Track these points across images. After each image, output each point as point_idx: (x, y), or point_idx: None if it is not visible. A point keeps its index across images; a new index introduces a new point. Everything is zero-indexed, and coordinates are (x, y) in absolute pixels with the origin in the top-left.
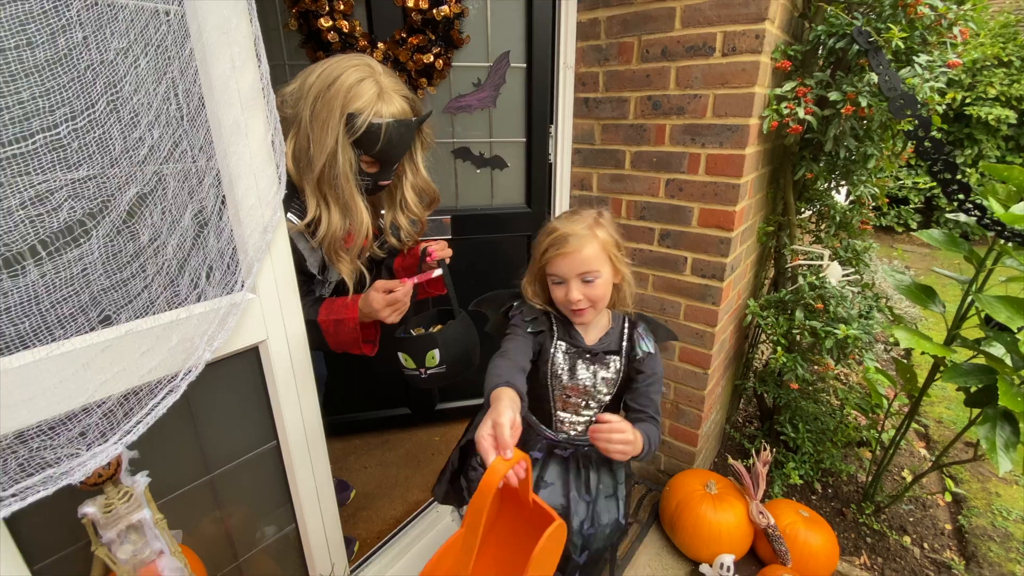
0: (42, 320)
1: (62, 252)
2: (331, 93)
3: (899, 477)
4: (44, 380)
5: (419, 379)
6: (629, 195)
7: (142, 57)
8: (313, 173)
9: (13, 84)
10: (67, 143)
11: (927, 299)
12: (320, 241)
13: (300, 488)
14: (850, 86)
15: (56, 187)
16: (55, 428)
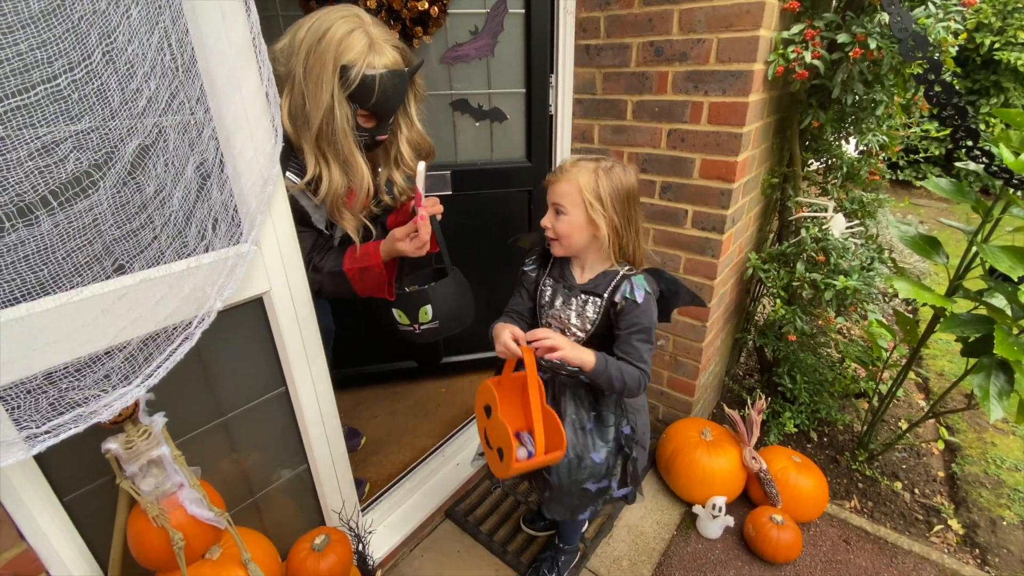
0: (59, 268)
1: (72, 202)
2: (322, 47)
3: (896, 427)
4: (67, 325)
5: (413, 335)
6: (631, 147)
7: (133, 6)
8: (311, 131)
9: (11, 35)
10: (67, 94)
11: (931, 250)
12: (322, 199)
13: (310, 430)
14: (860, 27)
15: (61, 138)
16: (81, 371)
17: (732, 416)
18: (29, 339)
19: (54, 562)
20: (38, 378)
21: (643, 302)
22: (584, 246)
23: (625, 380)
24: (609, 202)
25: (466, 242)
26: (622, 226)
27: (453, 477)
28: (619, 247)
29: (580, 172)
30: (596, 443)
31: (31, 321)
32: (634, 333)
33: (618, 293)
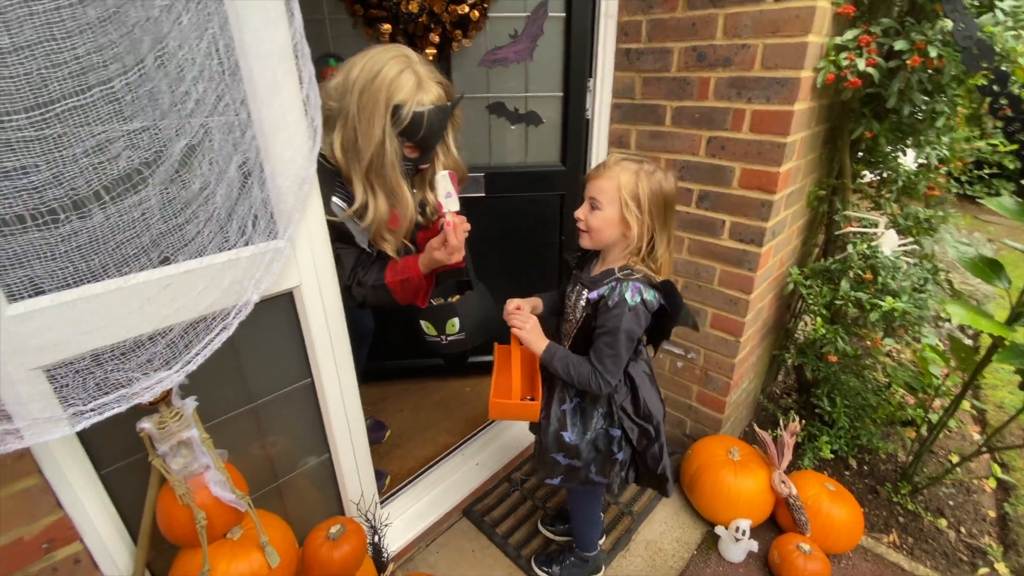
0: (109, 258)
1: (123, 197)
2: (375, 86)
3: (946, 460)
4: (115, 310)
5: (440, 345)
6: (668, 153)
7: (184, 13)
8: (362, 163)
9: (69, 40)
10: (121, 96)
11: (992, 274)
12: (367, 226)
13: (333, 422)
14: (919, 34)
15: (114, 137)
16: (126, 354)
17: (763, 437)
18: (80, 322)
19: (88, 530)
20: (86, 359)
21: (621, 306)
22: (612, 243)
23: (572, 374)
24: (646, 205)
25: (498, 244)
26: (653, 230)
27: (473, 476)
28: (645, 251)
29: (622, 171)
30: (571, 424)
31: (82, 305)
32: (602, 334)
33: (605, 291)
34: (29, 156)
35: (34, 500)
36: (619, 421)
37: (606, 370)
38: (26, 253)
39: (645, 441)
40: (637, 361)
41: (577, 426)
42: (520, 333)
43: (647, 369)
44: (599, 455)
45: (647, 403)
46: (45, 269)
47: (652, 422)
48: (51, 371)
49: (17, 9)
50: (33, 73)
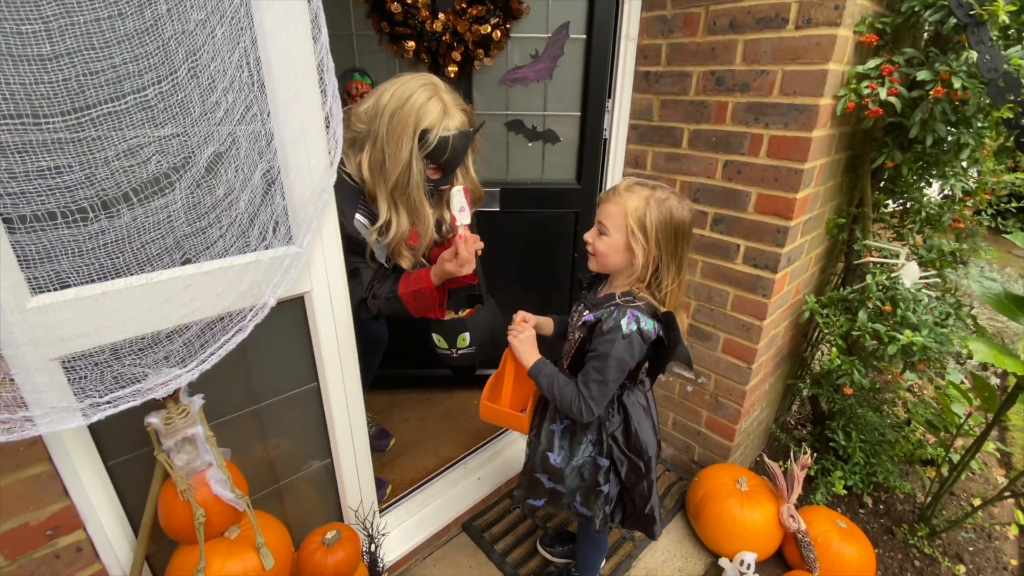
0: (134, 257)
1: (150, 200)
2: (404, 112)
3: (967, 504)
4: (136, 307)
5: (451, 358)
6: (684, 176)
7: (218, 27)
8: (388, 183)
9: (107, 50)
10: (154, 104)
11: (1018, 312)
12: (389, 242)
13: (336, 428)
14: (943, 65)
15: (145, 143)
16: (144, 350)
17: (772, 468)
18: (101, 317)
19: (92, 520)
20: (105, 353)
21: (615, 332)
22: (618, 268)
23: (556, 394)
24: (653, 234)
25: (511, 259)
26: (660, 260)
27: (474, 490)
28: (650, 280)
29: (631, 197)
30: (558, 446)
31: (104, 301)
32: (592, 358)
33: (602, 314)
34: (64, 157)
35: (43, 487)
36: (608, 451)
37: (590, 395)
38: (55, 248)
39: (634, 476)
40: (633, 391)
41: (564, 449)
42: (513, 341)
43: (643, 401)
44: (584, 484)
45: (639, 435)
46: (72, 264)
47: (643, 456)
48: (71, 363)
49: (60, 19)
50: (72, 79)
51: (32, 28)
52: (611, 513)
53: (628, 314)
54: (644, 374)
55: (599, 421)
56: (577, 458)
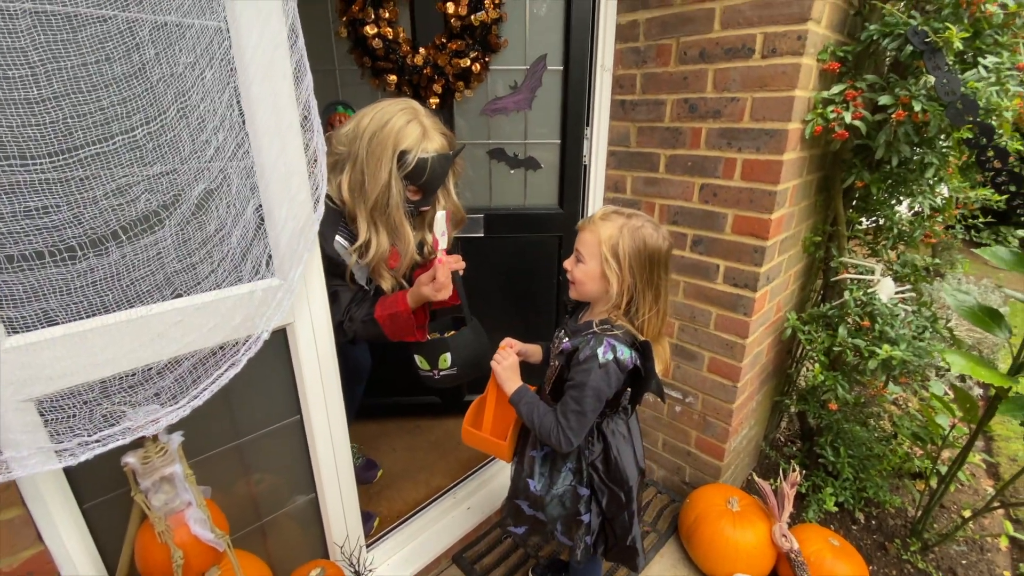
0: (123, 294)
1: (139, 237)
2: (384, 134)
3: (957, 516)
4: (126, 344)
5: (432, 379)
6: (662, 199)
7: (208, 69)
8: (367, 203)
9: (95, 93)
10: (143, 144)
11: (992, 324)
12: (369, 261)
13: (321, 461)
14: (903, 89)
15: (134, 181)
16: (134, 388)
17: (762, 487)
18: (89, 354)
19: (66, 565)
20: (95, 391)
21: (591, 361)
22: (596, 296)
23: (535, 422)
24: (626, 261)
25: (496, 283)
26: (636, 288)
27: (463, 520)
28: (627, 308)
29: (606, 225)
30: (539, 473)
31: (91, 338)
32: (570, 387)
33: (579, 342)
34: (51, 197)
35: (16, 532)
36: (588, 479)
37: (569, 426)
38: (42, 287)
39: (615, 506)
40: (613, 419)
41: (544, 476)
42: (496, 368)
43: (624, 429)
44: (565, 512)
45: (620, 464)
46: (60, 303)
47: (624, 487)
48: (58, 401)
49: (47, 64)
50: (59, 122)
51: (19, 73)
52: (593, 544)
53: (605, 343)
54: (626, 400)
55: (579, 449)
56: (557, 486)
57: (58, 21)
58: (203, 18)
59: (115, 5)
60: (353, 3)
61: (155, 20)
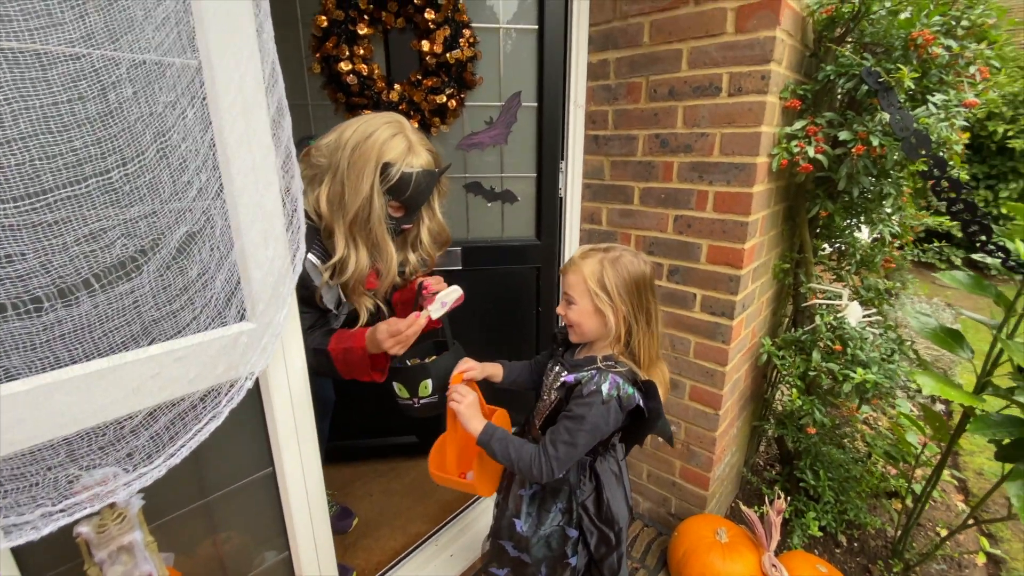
0: (95, 347)
1: (114, 285)
2: (367, 145)
3: (933, 533)
4: (97, 400)
5: (412, 408)
6: (638, 230)
7: (189, 108)
8: (346, 217)
9: (67, 134)
10: (119, 186)
11: (954, 344)
12: (346, 279)
13: (295, 515)
14: (861, 125)
15: (109, 226)
16: (105, 448)
17: (749, 516)
18: (55, 412)
19: None
20: (60, 455)
21: (595, 396)
22: (597, 333)
23: (512, 456)
24: (615, 292)
25: (474, 317)
26: (631, 315)
27: (446, 569)
28: (627, 339)
29: (586, 263)
30: (526, 513)
31: (55, 396)
32: (567, 417)
33: (583, 376)
34: (16, 244)
35: None
36: (578, 520)
37: (555, 455)
38: (3, 343)
39: (604, 548)
40: (606, 458)
41: (532, 516)
42: (455, 408)
43: (616, 469)
44: (551, 554)
45: (611, 506)
46: (23, 360)
47: (614, 527)
48: (18, 469)
49: (13, 103)
50: (26, 164)
51: None
52: None
53: (610, 379)
54: (617, 439)
55: (570, 489)
56: (545, 527)
57: (26, 58)
58: (184, 56)
59: (89, 43)
60: (327, 40)
61: (132, 58)
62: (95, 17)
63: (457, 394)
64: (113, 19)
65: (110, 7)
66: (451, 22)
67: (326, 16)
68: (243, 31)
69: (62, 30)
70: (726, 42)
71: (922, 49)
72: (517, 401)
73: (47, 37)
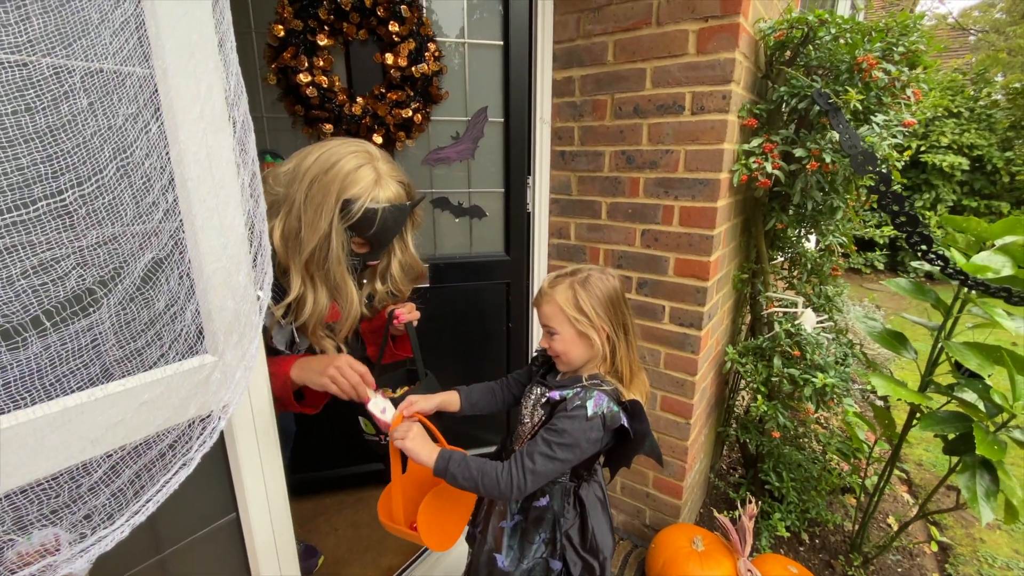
0: (46, 396)
1: (68, 322)
2: (328, 178)
3: (884, 524)
4: (45, 460)
5: (379, 446)
6: (606, 244)
7: (153, 122)
8: (302, 255)
9: (12, 150)
10: (73, 210)
11: (899, 345)
12: (304, 320)
13: (261, 564)
14: (813, 143)
15: (62, 255)
16: (58, 512)
17: (724, 523)
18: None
19: None
20: (6, 523)
21: (579, 411)
22: (585, 358)
23: (474, 475)
24: (593, 312)
25: (444, 333)
26: (613, 332)
27: None
28: (612, 358)
29: (557, 291)
30: (507, 547)
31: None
32: (549, 430)
33: (568, 393)
34: None
35: None
36: (561, 551)
37: (532, 467)
38: None
39: None
40: (590, 483)
41: (514, 550)
42: (400, 445)
43: (600, 495)
44: None
45: (595, 534)
46: None
47: (599, 557)
48: None
49: None
50: None
51: None
52: None
53: (596, 396)
54: (600, 462)
55: (554, 517)
56: (527, 560)
57: None
58: (145, 65)
59: (34, 49)
60: (284, 50)
61: (87, 67)
62: (45, 19)
63: (400, 429)
64: (65, 21)
65: (62, 8)
66: (416, 35)
67: (283, 26)
68: (205, 40)
69: (5, 32)
70: (688, 62)
71: (866, 73)
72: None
73: None
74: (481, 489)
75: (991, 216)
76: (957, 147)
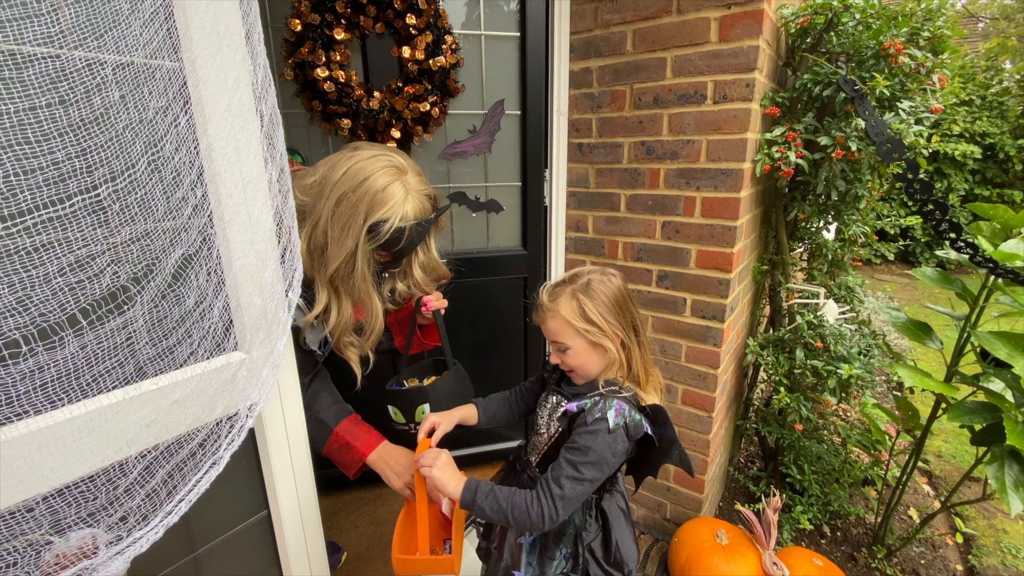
0: (82, 395)
1: (104, 320)
2: (356, 196)
3: (905, 516)
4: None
5: (409, 435)
6: (625, 237)
7: (182, 116)
8: (327, 270)
9: (47, 144)
10: (107, 205)
11: (924, 336)
12: (331, 329)
13: (292, 561)
14: (839, 131)
15: (97, 252)
16: (95, 515)
17: (748, 516)
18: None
19: None
20: (44, 526)
21: (600, 424)
22: (602, 367)
23: (504, 507)
24: (603, 320)
25: (461, 329)
26: (626, 335)
27: None
28: (628, 363)
29: (560, 304)
30: (526, 563)
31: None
32: (571, 448)
33: (587, 403)
34: None
35: None
36: (584, 566)
37: (560, 495)
38: None
39: None
40: (612, 494)
41: (533, 567)
42: (428, 473)
43: (623, 505)
44: None
45: (620, 547)
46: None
47: (623, 570)
48: None
49: None
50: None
51: None
52: None
53: (616, 405)
54: (621, 474)
55: (576, 531)
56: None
57: None
58: (173, 58)
59: (66, 40)
60: (301, 45)
61: (118, 59)
62: (76, 8)
63: (428, 456)
64: (96, 11)
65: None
66: (433, 28)
67: (300, 20)
68: (232, 31)
69: (37, 22)
70: (710, 51)
71: (892, 58)
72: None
73: (22, 31)
74: (511, 522)
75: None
76: (969, 135)
